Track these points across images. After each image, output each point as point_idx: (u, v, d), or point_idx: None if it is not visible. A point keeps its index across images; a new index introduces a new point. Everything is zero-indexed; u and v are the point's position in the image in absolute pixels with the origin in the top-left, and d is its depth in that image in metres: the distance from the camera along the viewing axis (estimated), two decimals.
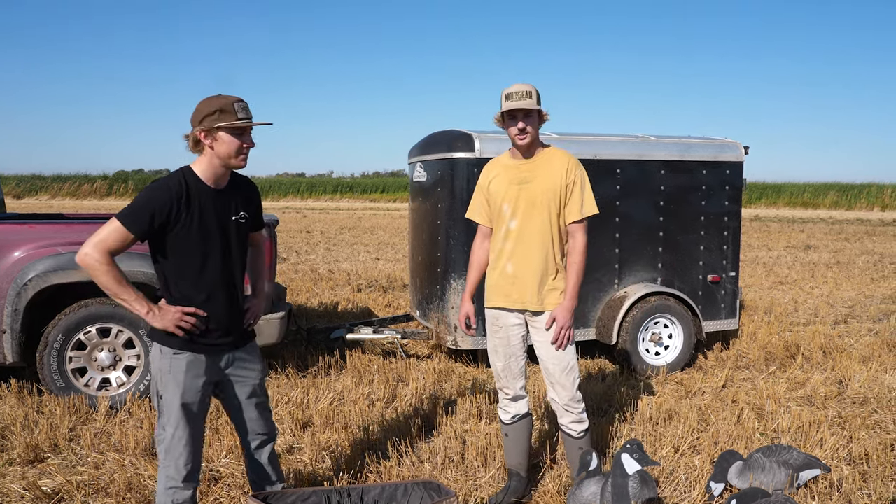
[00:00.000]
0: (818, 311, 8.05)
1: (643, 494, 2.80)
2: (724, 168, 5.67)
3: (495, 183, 3.11)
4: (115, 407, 4.37)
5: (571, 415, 3.13)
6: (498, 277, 3.12)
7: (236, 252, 2.53)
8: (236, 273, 2.54)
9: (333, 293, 8.83)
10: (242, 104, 2.39)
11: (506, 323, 3.14)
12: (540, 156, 3.09)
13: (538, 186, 3.02)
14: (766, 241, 17.18)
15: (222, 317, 2.49)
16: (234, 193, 2.53)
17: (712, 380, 5.18)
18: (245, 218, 2.55)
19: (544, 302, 3.06)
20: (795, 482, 3.22)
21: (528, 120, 2.96)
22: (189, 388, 2.42)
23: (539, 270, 3.04)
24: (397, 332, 5.63)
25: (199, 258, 2.42)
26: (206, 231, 2.41)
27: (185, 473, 2.45)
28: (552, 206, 3.02)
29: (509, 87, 2.97)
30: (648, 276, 5.53)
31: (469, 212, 3.28)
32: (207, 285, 2.45)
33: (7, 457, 3.64)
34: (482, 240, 3.24)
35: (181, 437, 2.42)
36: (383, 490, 2.63)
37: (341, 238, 16.78)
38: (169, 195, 2.34)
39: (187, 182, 2.40)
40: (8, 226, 4.37)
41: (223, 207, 2.47)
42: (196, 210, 2.39)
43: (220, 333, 2.50)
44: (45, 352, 4.31)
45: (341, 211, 30.12)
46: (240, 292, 2.57)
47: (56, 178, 39.02)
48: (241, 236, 2.55)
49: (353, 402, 4.54)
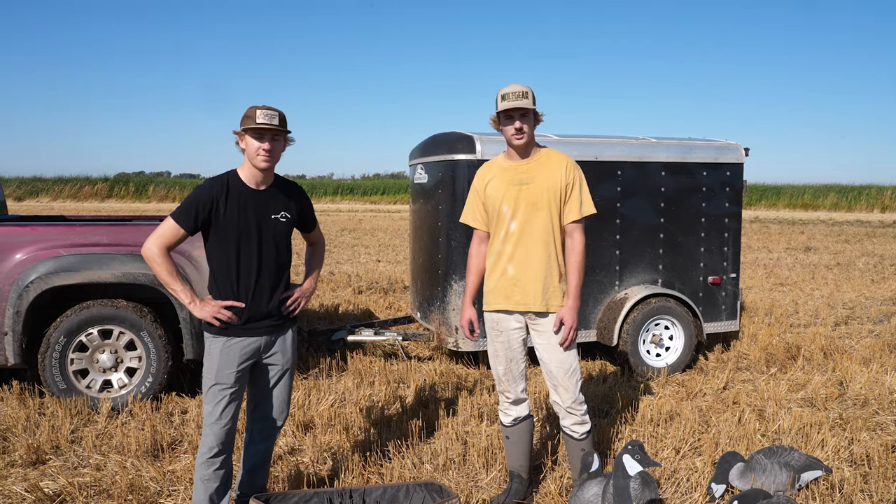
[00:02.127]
0: (819, 312, 8.05)
1: (645, 496, 2.81)
2: (724, 170, 5.68)
3: (493, 185, 3.10)
4: (117, 409, 4.37)
5: (574, 416, 3.13)
6: (498, 280, 3.11)
7: (273, 248, 2.74)
8: (273, 267, 2.75)
9: (334, 295, 8.84)
10: (267, 112, 2.63)
11: (506, 327, 3.12)
12: (537, 156, 3.09)
13: (539, 187, 3.02)
14: (766, 243, 17.19)
15: (257, 306, 2.72)
16: (276, 194, 2.78)
17: (713, 381, 5.19)
18: (286, 217, 2.78)
19: (548, 303, 3.05)
20: (797, 483, 3.22)
21: (525, 120, 2.97)
22: (222, 369, 2.67)
23: (542, 271, 3.03)
24: (398, 334, 5.64)
25: (236, 251, 2.67)
26: (243, 226, 2.66)
27: (216, 450, 2.68)
28: (553, 206, 3.02)
29: (505, 88, 2.98)
30: (649, 278, 5.54)
31: (464, 216, 3.26)
32: (244, 277, 2.69)
33: (9, 458, 3.64)
34: (479, 244, 3.23)
35: (213, 415, 2.67)
36: (385, 491, 2.64)
37: (342, 240, 16.78)
38: (211, 193, 2.64)
39: (229, 182, 2.69)
40: (10, 228, 4.38)
41: (262, 206, 2.72)
42: (235, 207, 2.66)
43: (256, 321, 2.72)
44: (47, 353, 4.32)
45: (342, 213, 30.13)
46: (279, 285, 2.78)
47: (57, 181, 39.03)
48: (279, 234, 2.76)
49: (355, 403, 4.54)
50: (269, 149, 2.65)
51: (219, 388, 2.68)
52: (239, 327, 2.70)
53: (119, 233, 4.47)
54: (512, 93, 2.95)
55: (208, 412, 2.70)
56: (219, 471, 2.72)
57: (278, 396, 2.87)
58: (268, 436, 2.91)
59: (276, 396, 2.87)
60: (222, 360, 2.68)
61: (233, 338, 2.70)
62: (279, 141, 2.71)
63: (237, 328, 2.70)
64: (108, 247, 4.40)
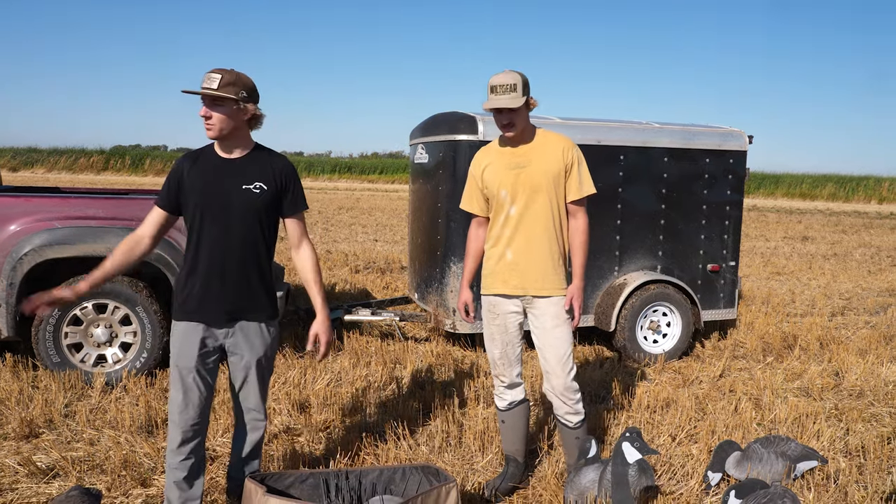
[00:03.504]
0: (815, 302, 8.05)
1: (641, 482, 2.80)
2: (727, 157, 5.63)
3: (490, 170, 3.05)
4: (111, 383, 4.35)
5: (566, 406, 3.08)
6: (496, 264, 3.08)
7: (240, 222, 2.46)
8: (238, 245, 2.48)
9: (331, 273, 8.80)
10: (209, 75, 2.39)
11: (503, 310, 3.10)
12: (534, 140, 3.03)
13: (537, 169, 2.97)
14: (763, 231, 17.18)
15: (220, 286, 2.48)
16: (251, 163, 2.51)
17: (710, 369, 5.18)
18: (260, 189, 2.49)
19: (547, 287, 3.02)
20: (793, 473, 3.22)
21: (513, 115, 2.90)
22: (182, 353, 2.49)
23: (541, 256, 3.00)
24: (395, 315, 5.61)
25: (197, 225, 2.46)
26: (205, 197, 2.44)
27: (179, 440, 2.49)
28: (552, 189, 2.98)
29: (494, 78, 2.91)
30: (648, 264, 5.51)
31: (463, 202, 3.21)
32: (206, 253, 2.47)
33: (2, 431, 3.62)
34: (477, 227, 3.20)
35: (177, 401, 2.49)
36: (381, 473, 2.62)
37: (339, 219, 16.72)
38: (180, 165, 2.50)
39: (202, 152, 2.52)
40: (4, 199, 4.31)
41: (231, 175, 2.47)
42: (198, 175, 2.46)
43: (212, 306, 2.49)
44: (41, 327, 4.28)
45: (339, 191, 30.00)
46: (246, 267, 2.51)
47: (52, 152, 38.72)
48: (249, 207, 2.47)
49: (351, 383, 4.52)
50: (206, 115, 2.40)
51: (183, 374, 2.49)
52: (194, 312, 2.48)
53: (115, 206, 4.41)
54: (499, 86, 2.88)
55: (175, 401, 2.50)
56: (186, 461, 2.52)
57: (250, 391, 2.64)
58: (254, 427, 2.72)
59: (248, 391, 2.64)
60: (183, 345, 2.48)
61: (191, 322, 2.48)
62: (224, 107, 2.40)
63: (192, 313, 2.48)
64: (103, 220, 4.34)
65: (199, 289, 2.48)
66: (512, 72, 2.90)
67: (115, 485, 3.07)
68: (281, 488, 2.51)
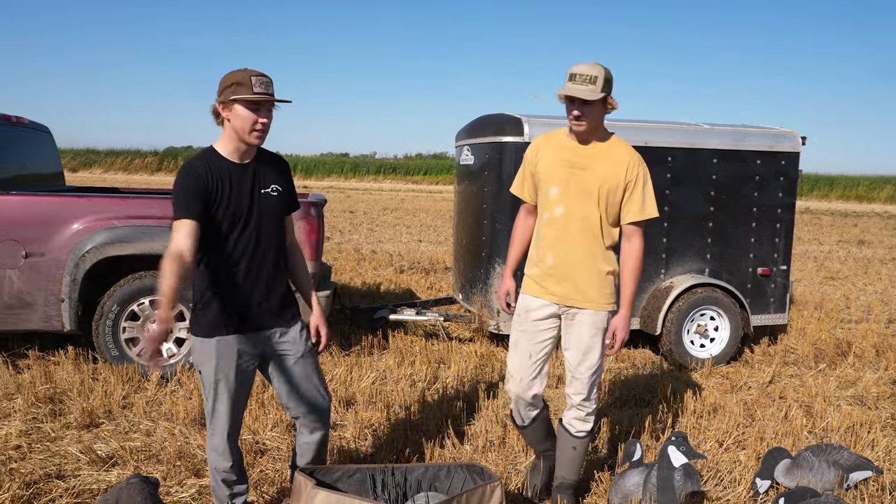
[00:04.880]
0: (871, 308, 7.80)
1: (687, 487, 2.77)
2: (779, 158, 5.51)
3: (545, 161, 2.87)
4: (166, 377, 4.50)
5: (579, 412, 2.93)
6: (535, 267, 2.92)
7: (269, 227, 2.46)
8: (272, 248, 2.47)
9: (376, 273, 8.90)
10: (262, 79, 2.32)
11: (537, 315, 2.89)
12: (601, 144, 2.83)
13: (594, 175, 2.77)
14: (817, 235, 16.68)
15: (261, 292, 2.47)
16: (261, 167, 2.47)
17: (759, 375, 5.08)
18: (277, 191, 2.48)
19: (592, 299, 2.83)
20: (845, 483, 3.14)
21: (586, 108, 2.68)
22: (222, 367, 2.43)
23: (582, 264, 2.81)
24: (440, 315, 5.66)
25: (227, 233, 2.38)
26: (235, 206, 2.37)
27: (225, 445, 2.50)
28: (605, 199, 2.77)
29: (576, 67, 2.69)
30: (696, 267, 5.43)
31: (514, 186, 3.04)
32: (241, 262, 2.41)
33: (64, 420, 3.79)
34: (525, 215, 3.04)
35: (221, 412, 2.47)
36: (427, 470, 2.66)
37: (384, 219, 16.88)
38: (197, 176, 2.32)
39: (208, 160, 2.37)
40: (69, 198, 4.52)
41: (250, 180, 2.42)
42: (223, 185, 2.35)
43: (260, 309, 2.46)
44: (101, 321, 4.46)
45: (384, 192, 30.27)
46: (277, 269, 2.51)
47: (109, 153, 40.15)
48: (273, 211, 2.47)
49: (396, 382, 4.59)
50: (268, 123, 2.36)
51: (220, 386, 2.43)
52: (232, 324, 2.41)
53: (169, 206, 4.56)
54: (579, 74, 2.65)
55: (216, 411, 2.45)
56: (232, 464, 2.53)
57: (306, 384, 2.59)
58: (315, 427, 2.65)
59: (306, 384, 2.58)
60: (221, 359, 2.41)
61: (228, 336, 2.41)
62: (271, 113, 2.38)
63: (230, 325, 2.41)
64: (159, 219, 4.50)
65: (238, 299, 2.43)
66: (597, 64, 2.68)
67: (170, 474, 3.19)
68: (329, 482, 2.58)
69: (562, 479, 3.02)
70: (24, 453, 3.37)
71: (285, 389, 2.58)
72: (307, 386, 2.60)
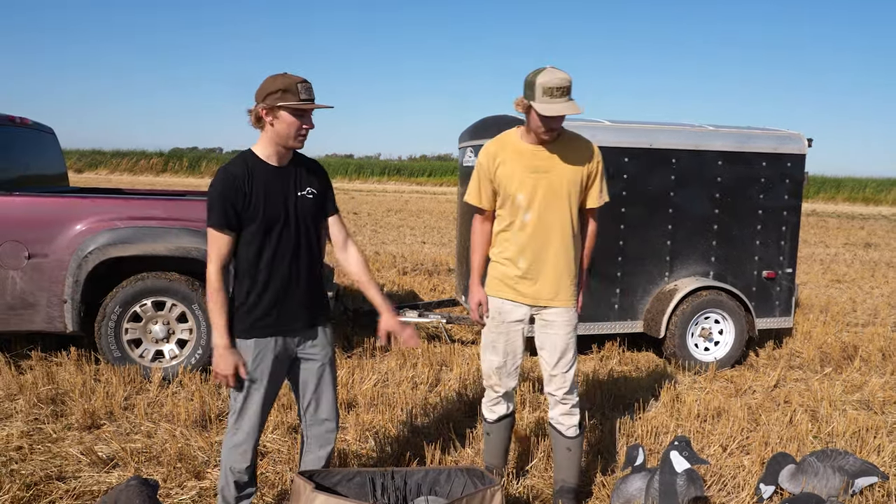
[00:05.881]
0: (878, 311, 7.74)
1: (690, 493, 2.75)
2: (784, 161, 5.48)
3: (505, 169, 2.83)
4: (168, 378, 4.50)
5: (564, 406, 2.93)
6: (506, 270, 2.92)
7: (306, 230, 2.49)
8: (309, 251, 2.51)
9: (379, 275, 8.89)
10: (306, 85, 2.38)
11: (510, 318, 2.93)
12: (559, 142, 2.82)
13: (559, 176, 2.80)
14: (823, 238, 16.60)
15: (299, 295, 2.49)
16: (298, 170, 2.51)
17: (763, 378, 5.05)
18: (313, 193, 2.51)
19: (559, 297, 2.89)
20: (850, 489, 3.11)
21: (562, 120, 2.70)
22: (257, 369, 2.46)
23: (555, 265, 2.85)
24: (442, 317, 5.64)
25: (266, 238, 2.42)
26: (273, 209, 2.41)
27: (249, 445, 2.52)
28: (573, 197, 2.83)
29: (547, 78, 2.62)
30: (700, 270, 5.40)
31: (470, 196, 2.96)
32: (278, 265, 2.44)
33: (66, 421, 3.79)
34: (482, 222, 3.00)
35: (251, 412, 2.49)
36: (427, 474, 2.64)
37: (388, 221, 16.87)
38: (234, 180, 2.37)
39: (248, 164, 2.42)
40: (72, 199, 4.52)
41: (287, 183, 2.46)
42: (260, 188, 2.40)
43: (291, 319, 2.49)
44: (103, 322, 4.46)
45: (388, 193, 30.27)
46: (312, 271, 2.54)
47: (115, 154, 40.23)
48: (309, 213, 2.50)
49: (397, 384, 4.57)
50: (311, 128, 2.43)
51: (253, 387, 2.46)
52: (269, 326, 2.46)
53: (173, 207, 4.56)
54: (557, 88, 2.61)
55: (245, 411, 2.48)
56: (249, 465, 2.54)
57: (324, 395, 2.62)
58: (325, 441, 2.66)
59: (323, 395, 2.62)
60: (256, 360, 2.45)
61: (264, 338, 2.46)
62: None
63: (267, 327, 2.46)
64: (162, 220, 4.50)
65: (275, 302, 2.46)
66: (556, 69, 2.65)
67: (170, 476, 3.18)
68: (328, 485, 2.56)
69: (562, 483, 3.00)
70: (26, 454, 3.37)
71: (308, 391, 2.61)
72: (328, 393, 2.63)
